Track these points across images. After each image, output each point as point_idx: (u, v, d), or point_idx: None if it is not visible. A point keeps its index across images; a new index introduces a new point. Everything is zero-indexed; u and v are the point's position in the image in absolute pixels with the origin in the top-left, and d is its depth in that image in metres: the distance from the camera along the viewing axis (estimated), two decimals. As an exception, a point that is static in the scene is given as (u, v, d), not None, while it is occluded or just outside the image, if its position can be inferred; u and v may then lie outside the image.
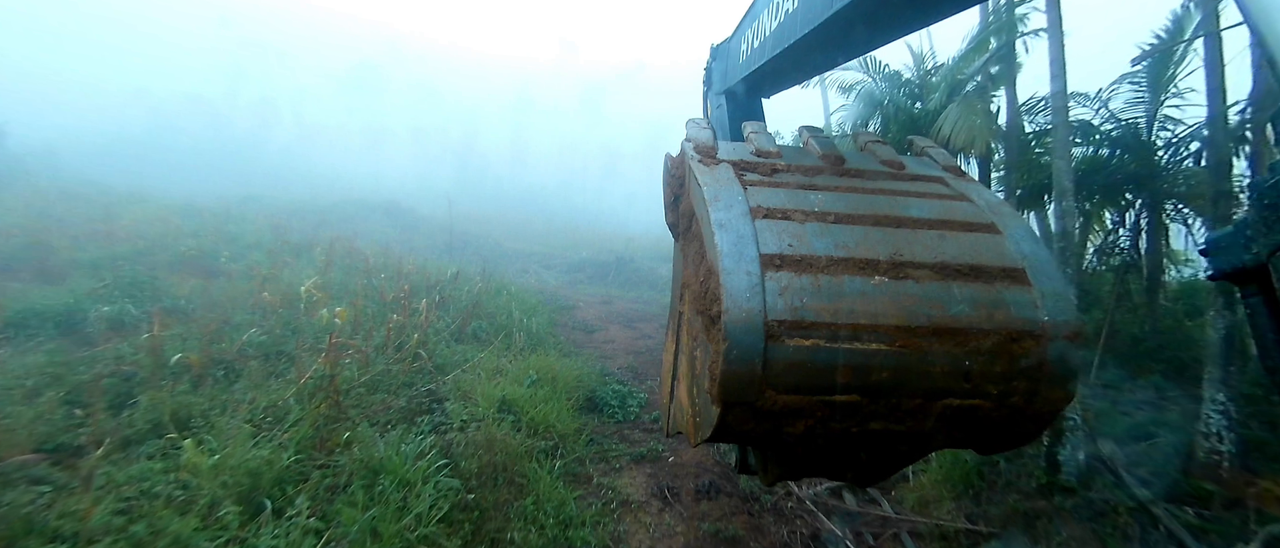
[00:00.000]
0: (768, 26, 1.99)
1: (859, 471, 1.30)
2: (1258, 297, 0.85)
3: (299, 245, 13.50)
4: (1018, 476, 5.33)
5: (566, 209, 38.90)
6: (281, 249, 12.79)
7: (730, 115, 2.51)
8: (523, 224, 28.49)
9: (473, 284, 11.02)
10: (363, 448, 4.43)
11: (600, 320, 12.22)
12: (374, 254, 11.96)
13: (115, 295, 8.56)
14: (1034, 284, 1.10)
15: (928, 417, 1.07)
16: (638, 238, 23.15)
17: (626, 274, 18.91)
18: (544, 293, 14.75)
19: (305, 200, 26.24)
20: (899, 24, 1.74)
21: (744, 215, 1.15)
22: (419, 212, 26.06)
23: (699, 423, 1.24)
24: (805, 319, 1.02)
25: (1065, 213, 5.07)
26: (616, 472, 5.62)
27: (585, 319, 12.20)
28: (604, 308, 13.77)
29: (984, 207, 1.29)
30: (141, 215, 16.36)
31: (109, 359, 6.38)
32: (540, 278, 19.07)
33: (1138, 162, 7.56)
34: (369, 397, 6.08)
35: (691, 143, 1.49)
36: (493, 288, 11.05)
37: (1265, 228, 0.82)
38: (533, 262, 20.88)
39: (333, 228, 21.83)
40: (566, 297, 14.91)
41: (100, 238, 12.83)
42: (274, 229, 14.58)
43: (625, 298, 16.05)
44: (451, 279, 10.18)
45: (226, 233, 14.55)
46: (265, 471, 4.09)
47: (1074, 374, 1.07)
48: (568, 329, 10.69)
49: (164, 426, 5.38)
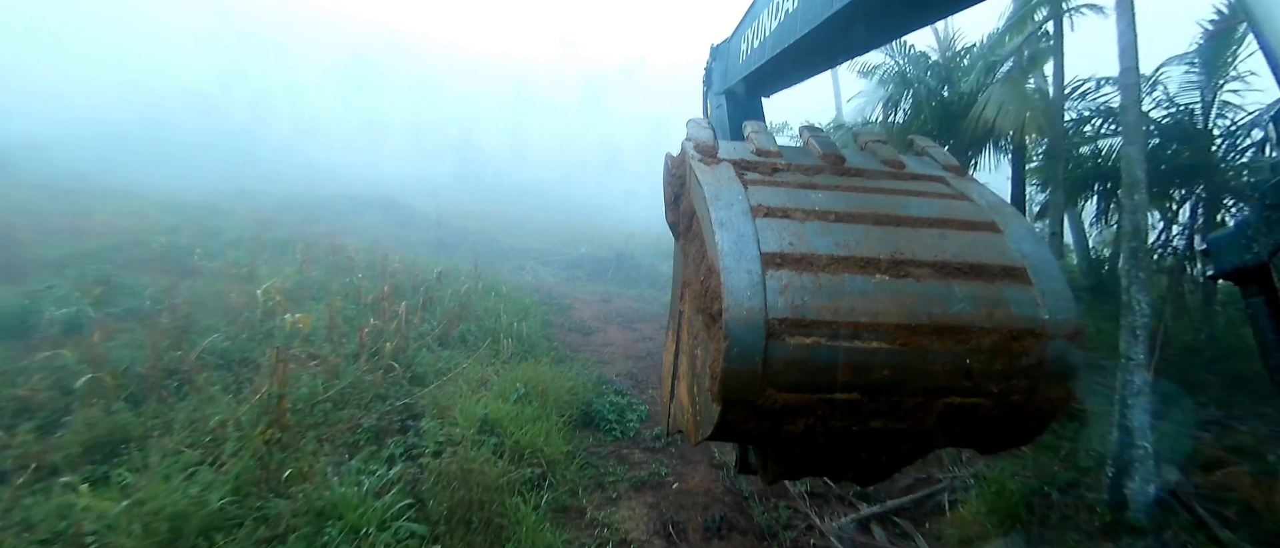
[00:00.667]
0: (768, 26, 1.97)
1: (859, 469, 1.30)
2: (1259, 297, 0.85)
3: (282, 242, 12.82)
4: (1075, 510, 4.63)
5: (566, 205, 38.13)
6: (263, 246, 12.11)
7: (730, 115, 2.49)
8: (521, 220, 27.74)
9: (462, 284, 10.33)
10: (314, 484, 3.75)
11: (598, 321, 11.51)
12: (360, 251, 11.25)
13: (74, 296, 7.90)
14: (1034, 283, 1.10)
15: (928, 415, 1.06)
16: (638, 234, 22.40)
17: (626, 271, 18.19)
18: (540, 291, 14.06)
19: (299, 195, 25.55)
20: (899, 24, 1.72)
21: (745, 214, 1.15)
22: (415, 207, 25.35)
23: (699, 421, 1.23)
24: (806, 317, 1.01)
25: (1137, 208, 4.34)
26: (613, 502, 4.92)
27: (582, 319, 11.50)
28: (602, 307, 13.07)
29: (984, 205, 1.28)
30: (121, 210, 15.70)
31: (46, 370, 5.72)
32: (537, 275, 18.38)
33: (1192, 151, 6.82)
34: (335, 414, 5.38)
35: (692, 142, 1.47)
36: (484, 287, 10.34)
37: (1266, 228, 0.82)
38: (530, 258, 20.16)
39: (325, 224, 21.18)
40: (563, 295, 14.22)
41: (73, 233, 12.19)
42: (257, 225, 13.87)
43: (625, 296, 15.35)
44: (437, 279, 9.47)
45: (208, 228, 13.87)
46: (192, 515, 3.42)
47: (1074, 373, 1.06)
48: (563, 331, 9.99)
49: (98, 447, 4.73)
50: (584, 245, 21.73)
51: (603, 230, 24.93)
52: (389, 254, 11.57)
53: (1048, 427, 1.11)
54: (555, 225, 26.30)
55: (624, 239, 22.04)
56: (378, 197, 25.52)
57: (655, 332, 10.61)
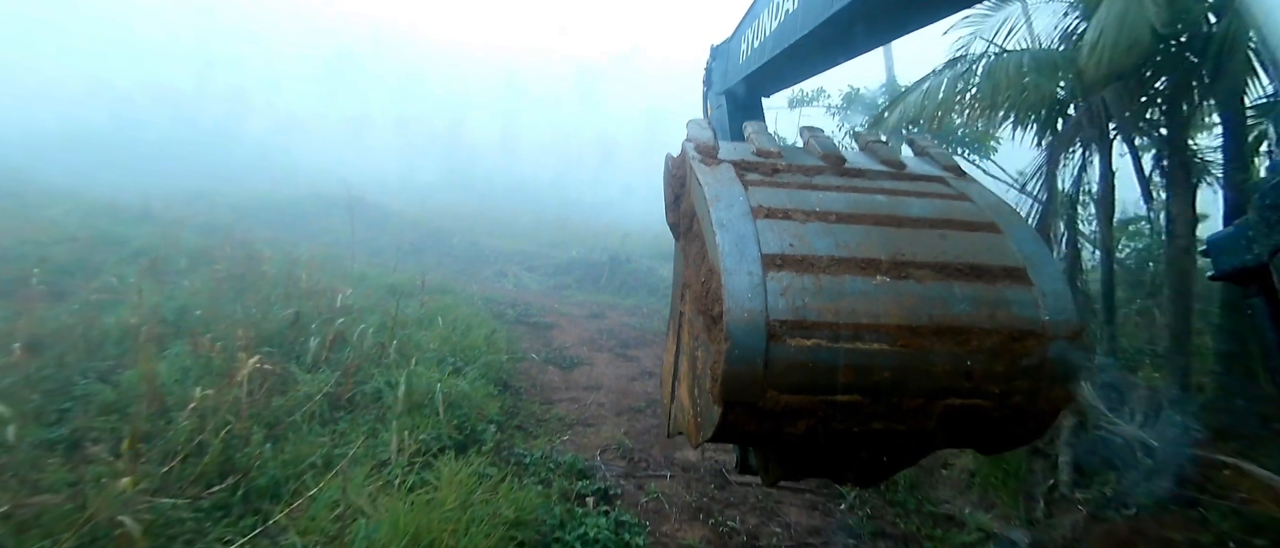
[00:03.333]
0: (768, 27, 1.96)
1: (860, 471, 1.28)
2: (1259, 297, 0.85)
3: (198, 252, 10.52)
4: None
5: (560, 202, 35.67)
6: (169, 259, 9.83)
7: (731, 115, 2.45)
8: (508, 219, 25.36)
9: (407, 304, 8.04)
10: None
11: (585, 345, 9.24)
12: (277, 264, 8.93)
13: None
14: (1035, 284, 1.09)
15: (929, 417, 1.06)
16: (635, 233, 20.08)
17: (622, 277, 15.88)
18: (517, 305, 11.78)
19: (262, 196, 23.20)
20: (900, 24, 1.73)
21: (745, 215, 1.14)
22: (388, 207, 23.02)
23: (700, 423, 1.21)
24: (807, 319, 1.01)
25: None
26: None
27: (564, 343, 9.23)
28: (592, 325, 10.80)
29: (984, 206, 1.28)
30: (38, 215, 13.42)
31: None
32: (520, 283, 16.09)
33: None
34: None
35: (692, 143, 1.46)
36: (433, 311, 8.04)
37: (1266, 228, 0.82)
38: (513, 262, 17.84)
39: (277, 230, 18.90)
40: (546, 309, 11.95)
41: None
42: (167, 236, 11.57)
43: (620, 308, 13.07)
44: (351, 303, 7.16)
45: (113, 237, 11.58)
46: None
47: (1074, 374, 1.06)
48: (535, 369, 7.70)
49: None
50: (575, 246, 19.39)
51: (597, 229, 22.53)
52: (321, 264, 9.24)
53: (1048, 428, 1.10)
54: (545, 224, 23.95)
55: (620, 239, 19.73)
56: (347, 197, 23.17)
57: (658, 362, 8.35)
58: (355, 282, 10.60)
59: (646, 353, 8.86)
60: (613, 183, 42.59)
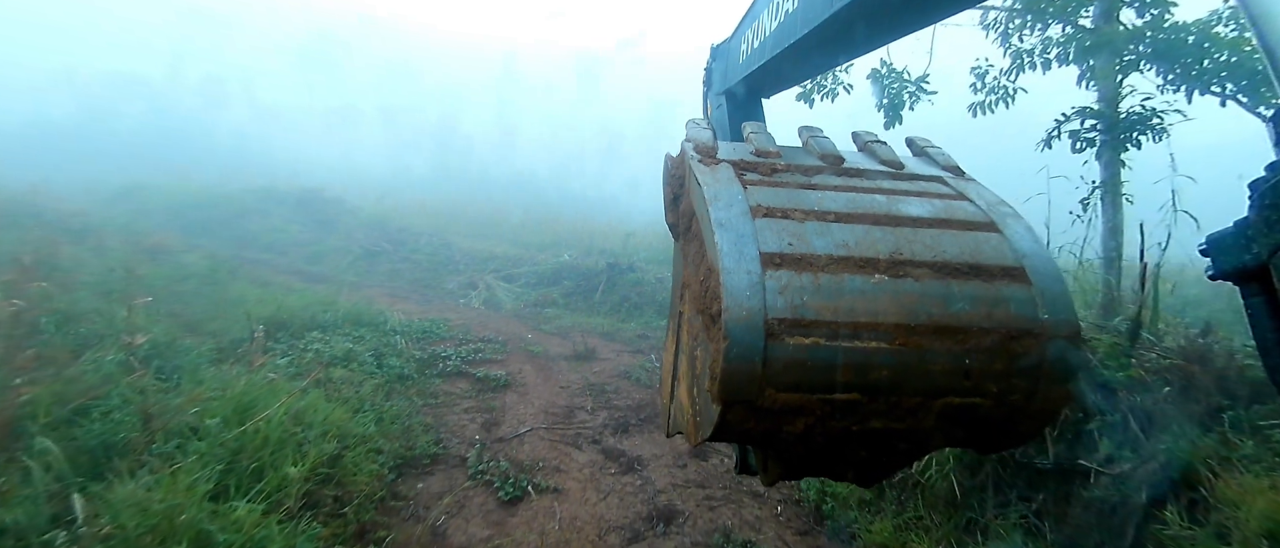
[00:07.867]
0: (768, 26, 1.94)
1: (859, 469, 1.27)
2: (1258, 297, 0.84)
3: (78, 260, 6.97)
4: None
5: (561, 197, 31.93)
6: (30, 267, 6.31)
7: (730, 115, 2.42)
8: (494, 216, 21.63)
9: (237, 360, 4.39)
10: None
11: (554, 426, 5.57)
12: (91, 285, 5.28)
13: None
14: (1034, 283, 1.08)
15: (928, 415, 1.05)
16: (639, 233, 16.32)
17: (623, 289, 12.12)
18: (468, 342, 8.11)
19: (205, 192, 19.63)
20: (901, 24, 1.72)
21: (744, 214, 1.13)
22: (346, 202, 19.44)
23: (699, 422, 1.22)
24: (805, 317, 1.00)
25: None
26: None
27: (518, 422, 5.58)
28: (573, 376, 7.14)
29: (984, 206, 1.26)
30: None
31: None
32: (492, 298, 12.38)
33: None
34: None
35: (691, 143, 1.46)
36: (245, 392, 4.34)
37: (1266, 228, 0.81)
38: (490, 269, 14.11)
39: (204, 231, 15.35)
40: (511, 344, 8.28)
41: None
42: (47, 239, 8.02)
43: (619, 338, 9.38)
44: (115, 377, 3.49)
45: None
46: None
47: (1073, 373, 1.05)
48: (436, 502, 4.01)
49: None
50: (568, 249, 15.65)
51: (596, 228, 18.73)
52: (211, 279, 5.59)
53: (1047, 427, 1.09)
54: (532, 222, 20.19)
55: (621, 240, 16.00)
56: (300, 191, 19.56)
57: (678, 481, 4.62)
58: (213, 311, 6.95)
59: (660, 451, 5.11)
60: (619, 177, 38.86)
